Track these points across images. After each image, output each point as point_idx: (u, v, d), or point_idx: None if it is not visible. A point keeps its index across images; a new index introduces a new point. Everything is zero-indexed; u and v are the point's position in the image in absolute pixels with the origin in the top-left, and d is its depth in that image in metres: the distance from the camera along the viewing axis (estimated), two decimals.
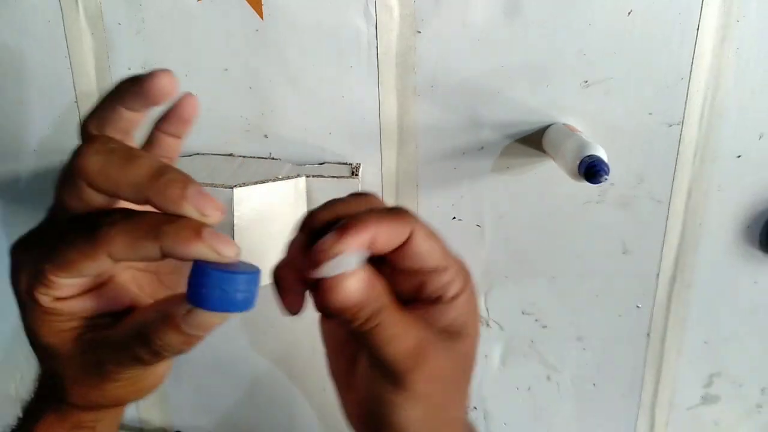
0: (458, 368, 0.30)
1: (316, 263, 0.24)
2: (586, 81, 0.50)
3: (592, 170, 0.42)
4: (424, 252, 0.28)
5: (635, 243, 0.55)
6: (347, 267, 0.25)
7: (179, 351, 0.26)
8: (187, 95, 0.30)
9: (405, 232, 0.27)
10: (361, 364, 0.31)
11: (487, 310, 0.58)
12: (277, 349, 0.58)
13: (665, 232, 0.55)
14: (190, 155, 0.52)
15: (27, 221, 0.56)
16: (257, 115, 0.51)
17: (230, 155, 0.52)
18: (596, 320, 0.58)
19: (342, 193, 0.48)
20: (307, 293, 0.27)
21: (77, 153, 0.25)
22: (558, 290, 0.57)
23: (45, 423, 0.30)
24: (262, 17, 0.48)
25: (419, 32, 0.49)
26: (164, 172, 0.24)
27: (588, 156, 0.43)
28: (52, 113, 0.51)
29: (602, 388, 0.61)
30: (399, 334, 0.27)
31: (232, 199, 0.43)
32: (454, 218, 0.54)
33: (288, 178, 0.47)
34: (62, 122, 0.51)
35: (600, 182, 0.42)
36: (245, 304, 0.24)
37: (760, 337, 0.60)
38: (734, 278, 0.57)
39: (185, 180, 0.24)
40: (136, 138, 0.30)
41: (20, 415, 0.32)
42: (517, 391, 0.61)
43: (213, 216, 0.24)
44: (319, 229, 0.27)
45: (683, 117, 0.52)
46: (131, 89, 0.27)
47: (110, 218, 0.24)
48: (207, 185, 0.44)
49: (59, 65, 0.50)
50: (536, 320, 0.58)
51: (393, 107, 0.51)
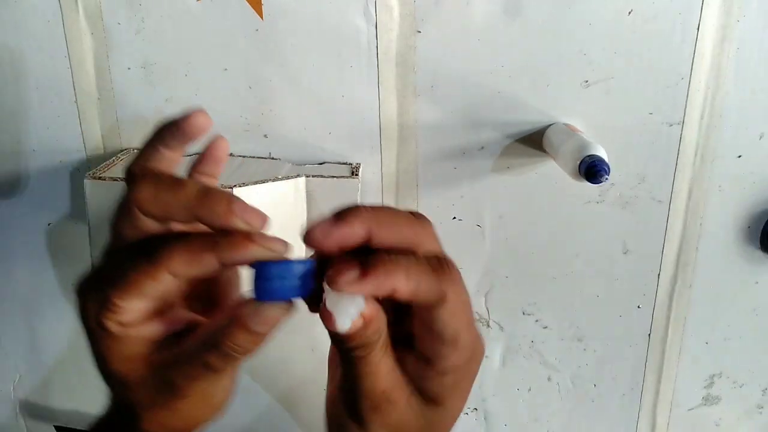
0: None
1: (330, 285, 0.25)
2: (586, 81, 0.50)
3: (593, 170, 0.42)
4: (442, 323, 0.26)
5: (636, 243, 0.55)
6: (356, 306, 0.26)
7: (247, 351, 0.27)
8: (219, 138, 0.33)
9: (432, 297, 0.26)
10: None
11: (488, 310, 0.58)
12: (274, 369, 0.58)
13: (666, 232, 0.55)
14: (190, 155, 0.52)
15: (27, 221, 0.56)
16: (257, 115, 0.51)
17: (230, 155, 0.52)
18: (597, 320, 0.58)
19: (342, 194, 0.49)
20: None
21: (131, 187, 0.27)
22: (558, 290, 0.57)
23: None
24: (262, 17, 0.48)
25: (419, 32, 0.49)
26: (210, 192, 0.27)
27: (588, 156, 0.43)
28: (52, 113, 0.51)
29: (603, 389, 0.61)
30: (376, 374, 0.27)
31: None
32: (454, 218, 0.54)
33: (288, 178, 0.47)
34: (62, 122, 0.51)
35: (600, 182, 0.42)
36: (304, 290, 0.26)
37: (761, 337, 0.59)
38: (735, 278, 0.57)
39: (229, 196, 0.27)
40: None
41: None
42: (518, 392, 0.61)
43: (258, 225, 0.26)
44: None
45: (683, 117, 0.51)
46: (170, 130, 0.30)
47: (167, 239, 0.27)
48: None
49: (59, 65, 0.50)
50: (536, 320, 0.58)
51: (393, 107, 0.51)
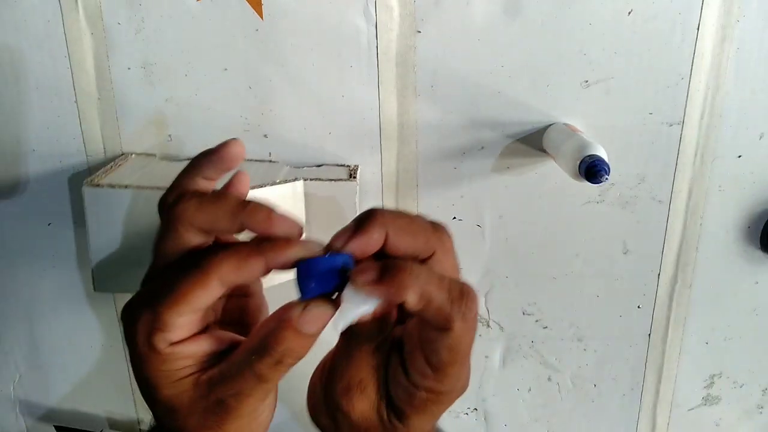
0: None
1: (351, 281, 0.27)
2: (586, 81, 0.50)
3: (593, 170, 0.42)
4: (439, 350, 0.27)
5: (636, 243, 0.55)
6: (364, 308, 0.27)
7: (298, 354, 0.28)
8: (233, 140, 0.32)
9: (441, 322, 0.27)
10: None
11: (488, 310, 0.58)
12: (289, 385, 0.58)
13: (666, 232, 0.55)
14: (188, 159, 0.52)
15: (27, 221, 0.56)
16: (257, 115, 0.51)
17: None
18: (597, 320, 0.58)
19: (339, 196, 0.49)
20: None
21: (174, 206, 0.28)
22: (558, 290, 0.57)
23: None
24: (262, 17, 0.48)
25: (419, 32, 0.49)
26: (249, 202, 0.28)
27: (588, 156, 0.43)
28: (52, 113, 0.51)
29: (603, 389, 0.61)
30: (358, 363, 0.29)
31: None
32: (454, 218, 0.54)
33: (285, 182, 0.47)
34: (62, 122, 0.51)
35: (600, 182, 0.42)
36: (345, 281, 0.27)
37: (761, 337, 0.59)
38: (735, 278, 0.57)
39: (267, 206, 0.28)
40: None
41: None
42: (518, 392, 0.61)
43: (295, 231, 0.28)
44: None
45: (683, 117, 0.51)
46: (208, 159, 0.31)
47: (213, 250, 0.27)
48: None
49: (59, 65, 0.50)
50: (536, 320, 0.58)
51: (393, 107, 0.51)
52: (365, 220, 0.27)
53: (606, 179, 0.42)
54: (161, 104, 0.50)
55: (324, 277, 0.27)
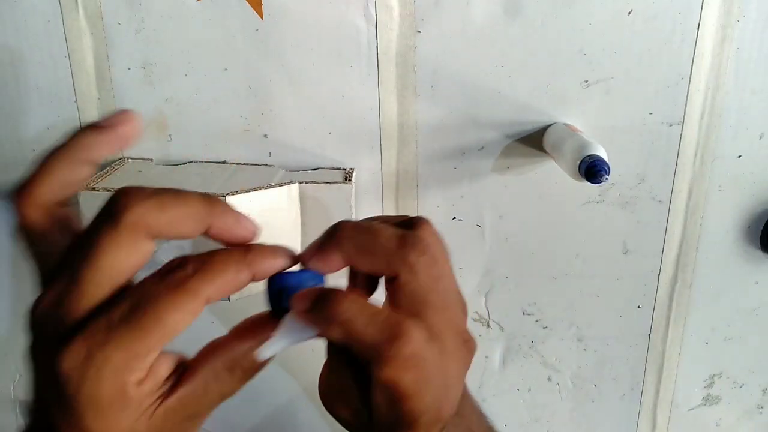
0: None
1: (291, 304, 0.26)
2: (586, 81, 0.50)
3: (593, 170, 0.42)
4: (381, 382, 0.25)
5: (636, 243, 0.55)
6: (295, 337, 0.26)
7: (267, 363, 0.27)
8: (124, 111, 0.27)
9: (370, 357, 0.25)
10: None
11: (488, 310, 0.58)
12: (296, 362, 0.58)
13: (666, 232, 0.55)
14: (184, 163, 0.52)
15: None
16: (257, 115, 0.51)
17: (224, 162, 0.52)
18: (597, 320, 0.58)
19: (335, 199, 0.49)
20: None
21: (126, 210, 0.23)
22: (558, 290, 0.57)
23: None
24: (262, 17, 0.48)
25: (419, 32, 0.49)
26: (215, 201, 0.25)
27: (588, 156, 0.43)
28: (52, 113, 0.51)
29: (603, 389, 0.61)
30: (335, 368, 0.28)
31: None
32: (454, 218, 0.54)
33: (281, 185, 0.47)
34: (62, 122, 0.51)
35: (600, 182, 0.42)
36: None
37: (761, 337, 0.59)
38: (735, 278, 0.57)
39: (230, 206, 0.25)
40: None
41: None
42: (518, 392, 0.61)
43: (257, 235, 0.26)
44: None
45: (683, 117, 0.51)
46: (96, 138, 0.26)
47: (188, 267, 0.24)
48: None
49: (59, 65, 0.50)
50: (536, 320, 0.58)
51: (393, 107, 0.51)
52: (326, 239, 0.26)
53: (606, 179, 0.42)
54: (161, 104, 0.50)
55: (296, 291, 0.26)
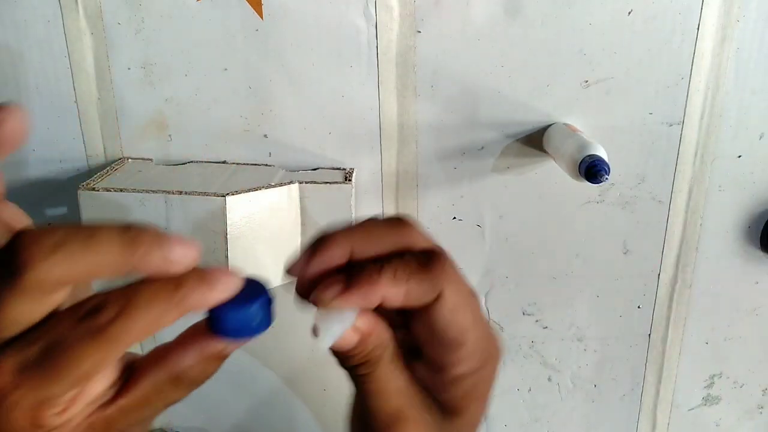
0: None
1: (315, 303, 0.24)
2: (586, 81, 0.50)
3: (593, 170, 0.42)
4: (444, 322, 0.25)
5: (636, 243, 0.55)
6: (344, 323, 0.25)
7: (213, 374, 0.26)
8: (9, 107, 0.24)
9: (428, 297, 0.24)
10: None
11: (488, 310, 0.58)
12: (277, 352, 0.58)
13: (666, 232, 0.55)
14: (184, 163, 0.52)
15: None
16: (257, 115, 0.51)
17: (224, 162, 0.52)
18: (597, 320, 0.58)
19: (335, 199, 0.49)
20: None
21: (19, 254, 0.20)
22: (558, 290, 0.57)
23: None
24: (262, 17, 0.48)
25: (419, 32, 0.49)
26: (136, 240, 0.21)
27: (588, 156, 0.43)
28: (52, 113, 0.51)
29: (603, 389, 0.61)
30: (386, 392, 0.26)
31: (225, 208, 0.43)
32: (454, 218, 0.54)
33: (281, 185, 0.47)
34: (62, 122, 0.51)
35: (600, 182, 0.42)
36: (267, 322, 0.25)
37: (761, 337, 0.59)
38: (735, 278, 0.57)
39: (154, 233, 0.22)
40: None
41: None
42: (518, 392, 0.61)
43: (195, 259, 0.23)
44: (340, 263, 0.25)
45: (683, 117, 0.52)
46: None
47: (109, 309, 0.21)
48: (199, 194, 0.44)
49: (59, 65, 0.50)
50: (536, 320, 0.58)
51: (393, 107, 0.51)
52: (321, 243, 0.25)
53: (606, 179, 0.42)
54: (161, 104, 0.50)
55: (246, 325, 0.25)
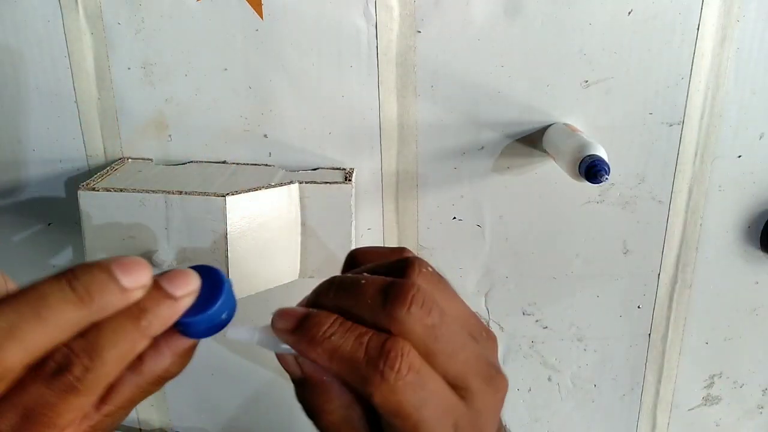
0: None
1: (272, 321, 0.25)
2: (586, 81, 0.50)
3: (593, 170, 0.42)
4: (381, 410, 0.24)
5: (636, 243, 0.55)
6: (255, 338, 0.26)
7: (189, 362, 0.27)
8: None
9: (359, 386, 0.24)
10: None
11: (488, 310, 0.58)
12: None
13: (666, 232, 0.55)
14: (184, 163, 0.52)
15: (27, 221, 0.56)
16: (257, 115, 0.51)
17: (224, 162, 0.52)
18: (597, 320, 0.58)
19: (335, 199, 0.49)
20: None
21: None
22: (558, 290, 0.57)
23: None
24: (262, 17, 0.48)
25: (419, 32, 0.49)
26: (83, 284, 0.22)
27: (588, 156, 0.43)
28: (52, 113, 0.51)
29: (603, 389, 0.61)
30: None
31: (225, 208, 0.43)
32: (454, 218, 0.54)
33: (281, 185, 0.47)
34: (62, 122, 0.51)
35: (600, 182, 0.42)
36: (232, 313, 0.26)
37: (761, 337, 0.59)
38: (735, 278, 0.57)
39: (98, 271, 0.22)
40: None
41: None
42: (518, 392, 0.61)
43: (145, 274, 0.23)
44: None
45: (683, 117, 0.51)
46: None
47: (75, 366, 0.22)
48: (199, 194, 0.44)
49: (59, 65, 0.50)
50: (536, 320, 0.58)
51: (393, 107, 0.51)
52: (307, 314, 0.25)
53: (606, 179, 0.42)
54: (161, 104, 0.50)
55: (211, 325, 0.25)
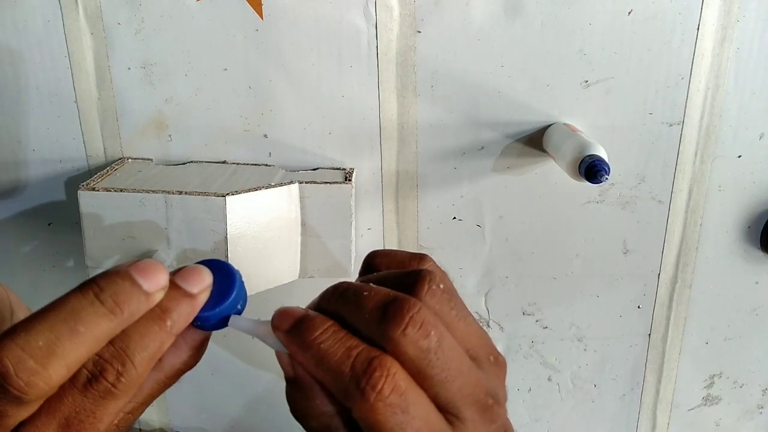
0: None
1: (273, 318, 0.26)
2: (586, 81, 0.50)
3: (593, 170, 0.42)
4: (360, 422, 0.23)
5: (636, 243, 0.55)
6: (258, 333, 0.27)
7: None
8: None
9: (342, 398, 0.23)
10: None
11: (488, 310, 0.58)
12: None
13: (666, 232, 0.55)
14: (184, 163, 0.52)
15: (27, 221, 0.56)
16: (257, 115, 0.51)
17: (224, 162, 0.52)
18: (597, 320, 0.58)
19: (335, 199, 0.49)
20: None
21: (21, 391, 0.21)
22: (558, 290, 0.57)
23: None
24: (262, 17, 0.48)
25: (419, 32, 0.49)
26: (111, 295, 0.23)
27: (588, 156, 0.43)
28: (52, 113, 0.51)
29: (603, 389, 0.61)
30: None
31: (225, 208, 0.43)
32: (454, 218, 0.54)
33: (281, 185, 0.47)
34: (62, 122, 0.51)
35: (600, 182, 0.42)
36: (245, 303, 0.27)
37: (761, 337, 0.60)
38: (735, 278, 0.57)
39: (121, 280, 0.23)
40: None
41: None
42: (518, 392, 0.61)
43: (163, 276, 0.24)
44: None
45: (683, 117, 0.52)
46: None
47: (108, 372, 0.23)
48: (199, 194, 0.44)
49: (59, 65, 0.50)
50: (536, 320, 0.58)
51: (393, 107, 0.51)
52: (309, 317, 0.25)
53: (606, 179, 0.42)
54: (161, 104, 0.50)
55: (226, 318, 0.26)
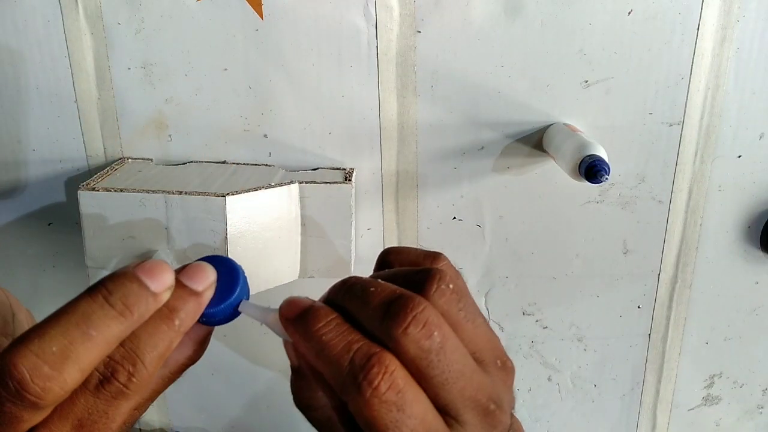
0: None
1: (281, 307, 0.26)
2: (586, 81, 0.50)
3: (593, 170, 0.42)
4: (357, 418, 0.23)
5: (636, 243, 0.55)
6: (268, 320, 0.27)
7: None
8: None
9: (340, 392, 0.23)
10: None
11: (488, 310, 0.58)
12: (275, 350, 0.58)
13: (666, 232, 0.55)
14: (184, 163, 0.52)
15: (27, 221, 0.56)
16: (257, 115, 0.51)
17: (224, 162, 0.52)
18: (597, 320, 0.58)
19: (335, 199, 0.49)
20: None
21: (23, 391, 0.22)
22: (558, 290, 0.57)
23: None
24: (262, 17, 0.48)
25: (419, 32, 0.49)
26: (120, 298, 0.24)
27: (588, 156, 0.43)
28: (52, 113, 0.51)
29: (603, 389, 0.61)
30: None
31: (225, 208, 0.43)
32: (454, 218, 0.54)
33: (281, 185, 0.47)
34: (62, 122, 0.51)
35: (600, 182, 0.42)
36: (248, 291, 0.28)
37: (761, 337, 0.60)
38: (735, 278, 0.57)
39: (128, 281, 0.24)
40: None
41: None
42: (518, 392, 0.61)
43: (169, 275, 0.25)
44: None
45: (683, 117, 0.52)
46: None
47: (120, 373, 0.24)
48: (199, 194, 0.44)
49: (59, 65, 0.50)
50: (536, 320, 0.58)
51: (393, 107, 0.51)
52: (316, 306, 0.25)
53: (606, 179, 0.42)
54: (161, 104, 0.50)
55: (232, 313, 0.27)
